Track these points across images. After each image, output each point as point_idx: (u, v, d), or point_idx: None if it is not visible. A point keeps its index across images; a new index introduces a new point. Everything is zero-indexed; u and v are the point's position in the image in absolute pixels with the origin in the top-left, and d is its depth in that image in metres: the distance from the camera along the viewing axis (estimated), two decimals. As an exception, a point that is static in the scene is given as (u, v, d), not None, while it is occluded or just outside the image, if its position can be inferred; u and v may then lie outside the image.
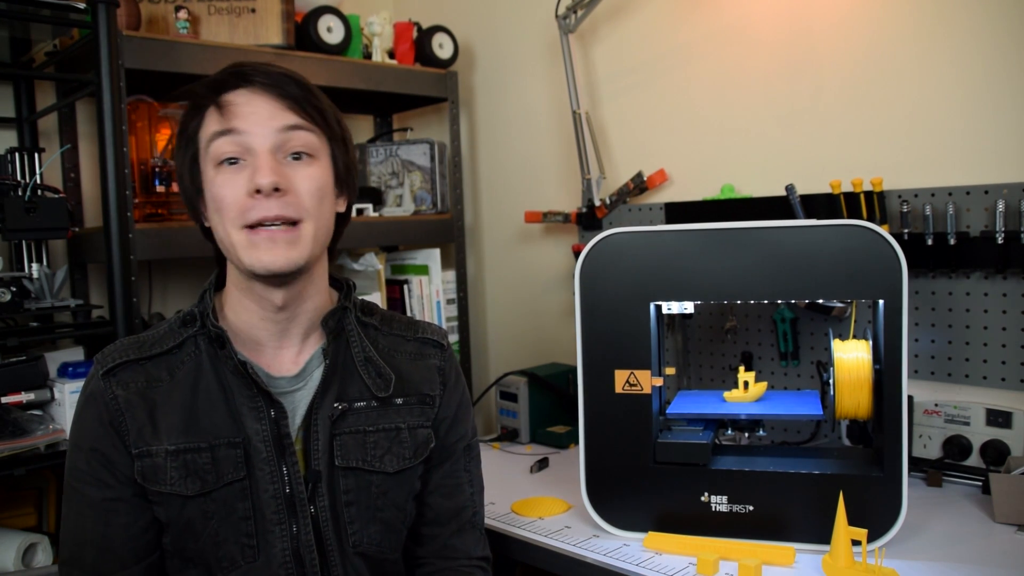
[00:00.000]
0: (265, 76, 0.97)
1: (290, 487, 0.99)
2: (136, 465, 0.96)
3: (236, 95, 0.96)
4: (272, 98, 0.96)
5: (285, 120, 0.96)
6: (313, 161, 0.98)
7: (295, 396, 1.03)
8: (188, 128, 0.99)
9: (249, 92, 0.96)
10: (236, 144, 0.95)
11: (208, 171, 0.96)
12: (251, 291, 1.00)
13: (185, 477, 0.96)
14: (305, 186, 0.96)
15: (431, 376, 1.11)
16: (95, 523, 0.96)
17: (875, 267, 1.15)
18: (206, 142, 0.96)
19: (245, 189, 0.94)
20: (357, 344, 1.07)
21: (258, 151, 0.94)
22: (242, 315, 1.02)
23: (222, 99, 0.96)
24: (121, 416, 0.96)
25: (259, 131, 0.95)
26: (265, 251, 0.94)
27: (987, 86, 1.47)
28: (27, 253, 1.66)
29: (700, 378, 1.84)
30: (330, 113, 1.02)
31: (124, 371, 0.98)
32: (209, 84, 0.98)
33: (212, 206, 0.96)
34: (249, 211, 0.94)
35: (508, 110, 2.28)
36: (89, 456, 0.97)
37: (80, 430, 0.98)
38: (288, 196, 0.95)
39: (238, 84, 0.97)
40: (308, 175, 0.97)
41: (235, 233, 0.95)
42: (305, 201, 0.96)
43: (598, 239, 1.26)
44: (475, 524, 1.15)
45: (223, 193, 0.95)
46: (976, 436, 1.39)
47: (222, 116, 0.95)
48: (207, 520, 0.97)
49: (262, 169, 0.93)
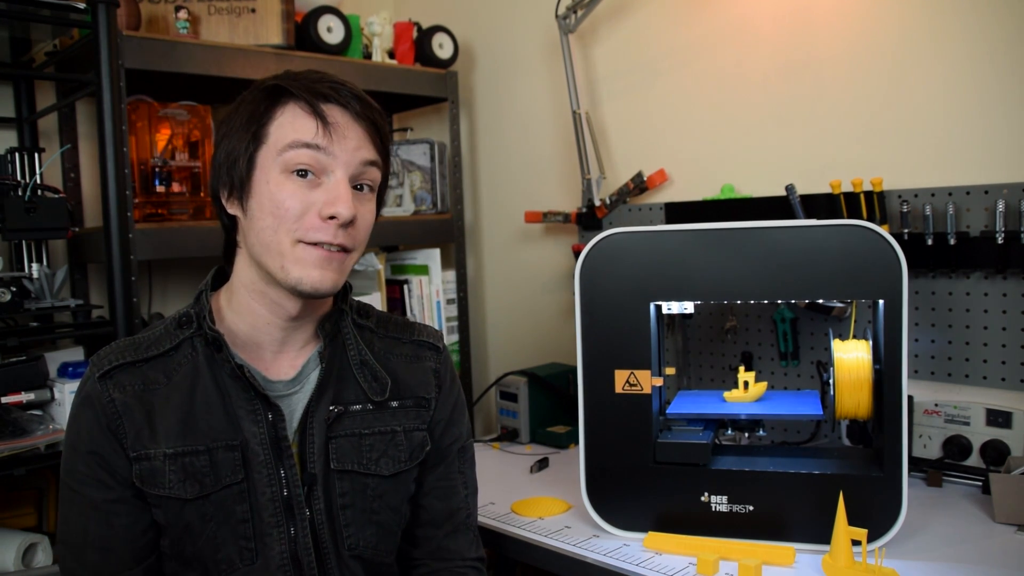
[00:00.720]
0: (359, 102, 0.97)
1: (288, 490, 0.99)
2: (134, 468, 0.96)
3: (333, 111, 0.95)
4: (363, 127, 0.97)
5: (368, 154, 0.97)
6: (372, 196, 1.01)
7: (292, 399, 1.03)
8: (261, 117, 0.95)
9: (346, 114, 0.96)
10: (318, 161, 0.94)
11: (272, 171, 0.94)
12: (264, 296, 1.00)
13: (183, 480, 0.96)
14: (364, 220, 0.98)
15: (427, 379, 1.11)
16: (97, 524, 0.96)
17: (875, 267, 1.15)
18: (284, 144, 0.94)
19: (316, 209, 0.93)
20: (353, 347, 1.07)
21: (339, 177, 0.95)
22: (247, 318, 1.01)
23: (322, 109, 0.94)
24: (118, 419, 0.96)
25: (345, 158, 0.95)
26: (315, 269, 0.94)
27: (987, 86, 1.47)
28: (27, 253, 1.66)
29: (700, 378, 1.84)
30: (389, 149, 1.03)
31: (121, 374, 0.98)
32: (305, 87, 0.95)
33: (269, 209, 0.94)
34: (314, 231, 0.93)
35: (508, 110, 2.28)
36: (88, 459, 0.96)
37: (77, 433, 0.97)
38: (352, 229, 0.96)
39: (337, 101, 0.95)
40: (368, 210, 1.00)
41: (288, 244, 0.94)
42: (360, 234, 0.98)
43: (598, 239, 1.26)
44: (469, 526, 1.15)
45: (290, 204, 0.93)
46: (976, 436, 1.39)
47: (317, 129, 0.94)
48: (205, 523, 0.97)
49: (344, 200, 0.93)
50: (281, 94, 0.96)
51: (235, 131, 0.97)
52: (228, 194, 0.99)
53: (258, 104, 0.96)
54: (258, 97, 0.97)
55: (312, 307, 1.03)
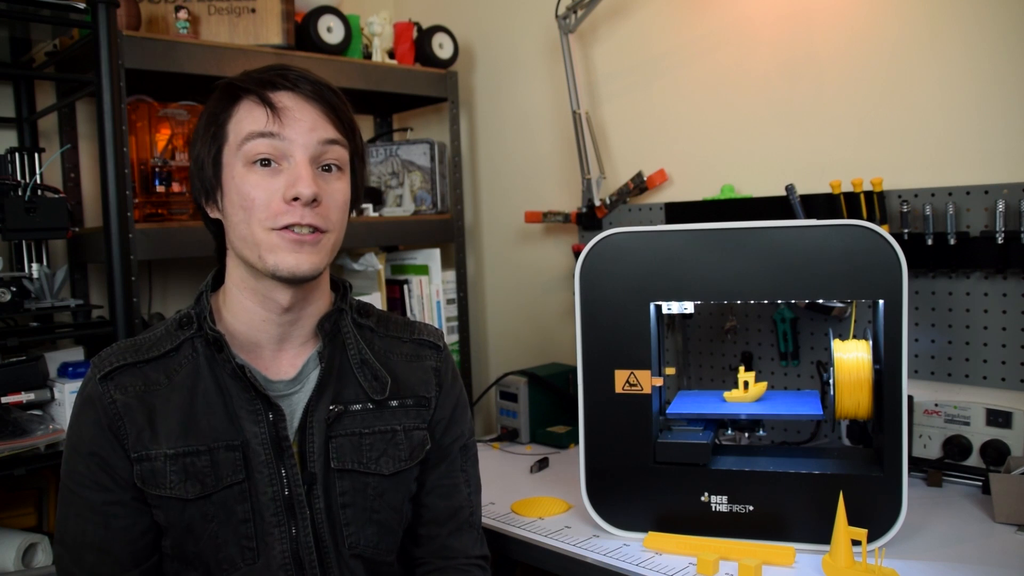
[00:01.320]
0: (311, 84, 0.97)
1: (289, 489, 0.99)
2: (135, 469, 0.96)
3: (282, 97, 0.96)
4: (316, 107, 0.97)
5: (326, 133, 0.97)
6: (341, 175, 1.00)
7: (292, 399, 1.03)
8: (219, 118, 0.97)
9: (295, 97, 0.96)
10: (275, 148, 0.95)
11: (236, 167, 0.96)
12: (255, 291, 1.00)
13: (184, 480, 0.96)
14: (334, 199, 0.98)
15: (427, 377, 1.11)
16: (95, 526, 0.96)
17: (875, 267, 1.15)
18: (241, 138, 0.95)
19: (280, 194, 0.94)
20: (353, 346, 1.07)
21: (298, 160, 0.95)
22: (242, 317, 1.02)
23: (270, 97, 0.95)
24: (120, 420, 0.96)
25: (302, 140, 0.96)
26: (291, 254, 0.95)
27: (987, 86, 1.47)
28: (27, 253, 1.66)
29: (700, 378, 1.84)
30: (355, 128, 1.03)
31: (122, 375, 0.98)
32: (254, 79, 0.97)
33: (239, 203, 0.96)
34: (281, 216, 0.94)
35: (508, 110, 2.28)
36: (88, 460, 0.96)
37: (79, 434, 0.98)
38: (320, 207, 0.96)
39: (285, 86, 0.96)
40: (337, 188, 0.99)
41: (261, 233, 0.95)
42: (332, 214, 0.98)
43: (598, 239, 1.26)
44: (472, 524, 1.15)
45: (255, 194, 0.94)
46: (976, 436, 1.39)
47: (267, 116, 0.95)
48: (207, 523, 0.97)
49: (304, 179, 0.94)
50: (234, 92, 0.98)
51: (199, 137, 1.00)
52: (206, 199, 1.01)
53: (215, 106, 0.99)
54: (214, 100, 0.99)
55: (304, 299, 1.02)
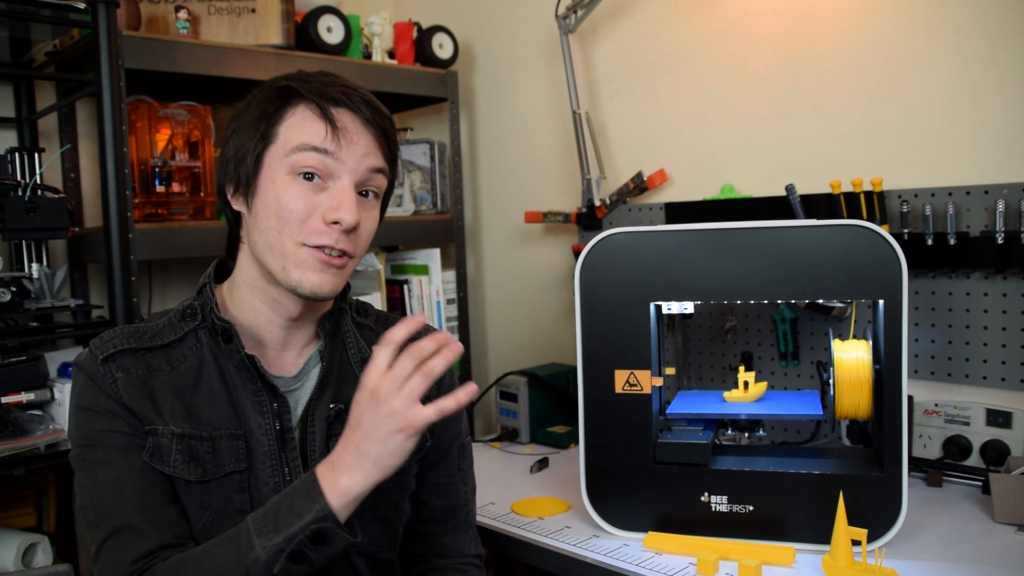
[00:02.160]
0: (371, 109, 0.97)
1: (291, 481, 0.99)
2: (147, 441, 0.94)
3: (343, 116, 0.95)
4: (372, 133, 0.97)
5: (376, 161, 0.97)
6: (375, 203, 1.01)
7: (293, 396, 1.03)
8: (271, 117, 0.96)
9: (356, 119, 0.96)
10: (325, 165, 0.94)
11: (279, 171, 0.94)
12: (266, 294, 1.00)
13: (188, 462, 0.95)
14: (367, 227, 0.99)
15: None
16: (131, 467, 0.93)
17: (875, 267, 1.15)
18: (293, 146, 0.94)
19: (320, 212, 0.93)
20: (353, 345, 1.07)
21: (345, 184, 0.95)
22: (248, 314, 1.02)
23: (332, 113, 0.94)
24: (122, 398, 0.94)
25: (353, 165, 0.95)
26: (315, 273, 0.95)
27: (987, 86, 1.47)
28: (27, 253, 1.66)
29: (700, 378, 1.84)
30: (396, 156, 1.02)
31: (123, 357, 0.97)
32: (316, 89, 0.95)
33: (275, 210, 0.94)
34: (316, 235, 0.94)
35: (508, 110, 2.28)
36: (109, 415, 0.94)
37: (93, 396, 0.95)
38: (354, 235, 0.96)
39: (348, 105, 0.95)
40: (372, 217, 1.00)
41: (291, 246, 0.94)
42: (362, 240, 0.99)
43: (598, 239, 1.26)
44: (469, 523, 1.15)
45: (294, 206, 0.93)
46: (976, 436, 1.39)
47: (326, 133, 0.94)
48: (203, 511, 0.96)
49: (348, 206, 0.93)
50: (292, 95, 0.96)
51: (245, 128, 0.97)
52: (234, 190, 0.99)
53: (269, 103, 0.96)
54: (269, 96, 0.97)
55: (312, 308, 1.03)
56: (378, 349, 0.87)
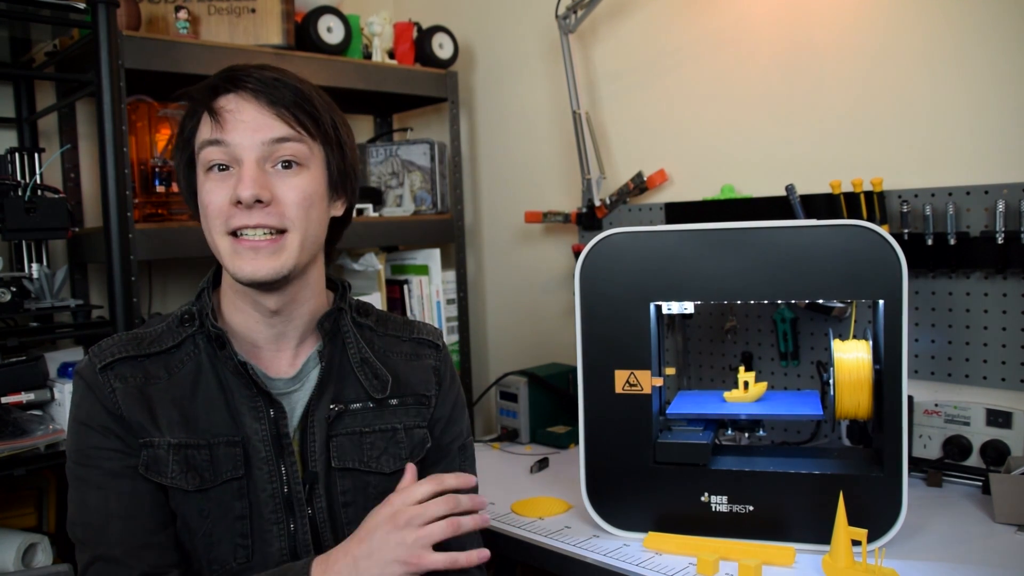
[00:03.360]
0: (258, 82, 0.96)
1: (288, 487, 0.99)
2: (142, 454, 0.95)
3: (227, 101, 0.96)
4: (262, 106, 0.95)
5: (272, 132, 0.95)
6: (302, 170, 0.97)
7: (292, 397, 1.03)
8: (185, 131, 1.00)
9: (239, 99, 0.96)
10: (224, 153, 0.95)
11: (200, 175, 0.98)
12: (244, 295, 1.01)
13: (185, 472, 0.96)
14: (291, 196, 0.96)
15: (427, 376, 1.11)
16: (119, 494, 0.94)
17: (875, 267, 1.15)
18: (198, 147, 0.97)
19: (229, 197, 0.94)
20: (353, 345, 1.07)
21: (244, 161, 0.94)
22: (237, 316, 1.02)
23: (214, 105, 0.96)
24: (120, 410, 0.95)
25: (246, 142, 0.95)
26: (247, 260, 0.95)
27: (987, 86, 1.47)
28: (27, 253, 1.66)
29: (700, 378, 1.84)
30: (325, 118, 0.99)
31: (122, 366, 0.98)
32: (204, 88, 0.98)
33: (202, 211, 0.98)
34: (231, 219, 0.95)
35: (508, 110, 2.28)
36: (102, 432, 0.95)
37: (87, 413, 0.96)
38: (271, 207, 0.95)
39: (229, 89, 0.96)
40: (294, 185, 0.96)
41: (220, 239, 0.96)
42: (290, 211, 0.96)
43: (598, 239, 1.26)
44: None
45: (208, 200, 0.96)
46: (976, 436, 1.39)
47: (213, 123, 0.95)
48: (202, 519, 0.96)
49: (244, 181, 0.93)
50: (192, 105, 0.99)
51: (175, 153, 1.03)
52: (192, 209, 1.02)
53: (183, 123, 1.01)
54: (183, 117, 1.01)
55: (292, 300, 1.02)
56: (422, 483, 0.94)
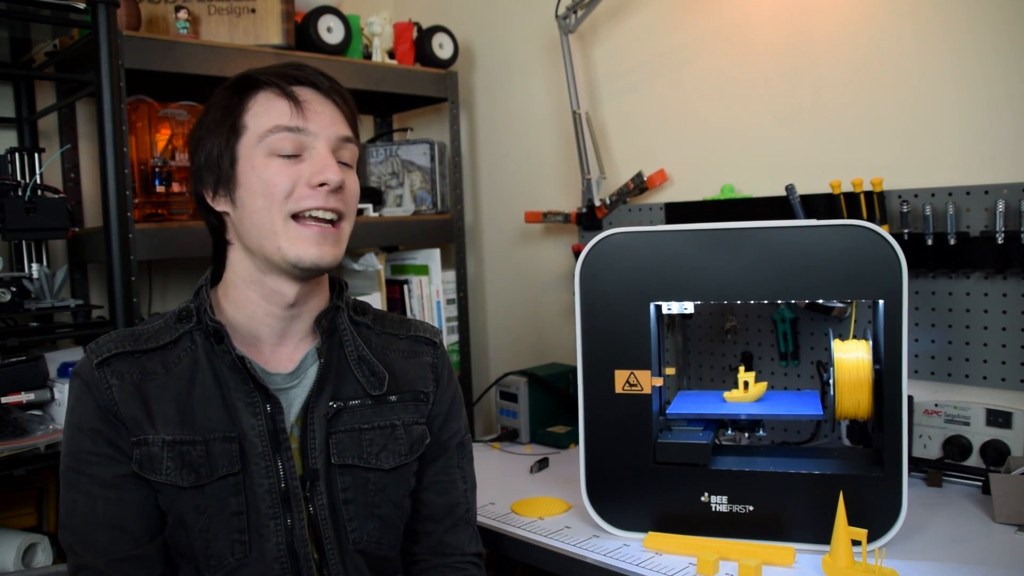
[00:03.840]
0: (328, 81, 1.01)
1: (285, 482, 0.99)
2: (135, 452, 0.96)
3: (303, 91, 0.99)
4: (334, 106, 1.01)
5: (343, 131, 1.01)
6: (351, 171, 1.03)
7: (290, 393, 1.03)
8: (235, 110, 0.98)
9: (315, 92, 0.99)
10: (298, 142, 0.97)
11: (257, 157, 0.97)
12: (262, 285, 1.01)
13: (180, 468, 0.96)
14: (353, 188, 1.02)
15: (424, 373, 1.12)
16: (107, 503, 0.95)
17: (875, 267, 1.15)
18: (264, 131, 0.97)
19: (305, 180, 0.96)
20: (350, 343, 1.07)
21: (321, 150, 0.98)
22: (244, 310, 1.02)
23: (293, 91, 0.98)
24: (116, 406, 0.96)
25: (324, 133, 0.98)
26: (312, 246, 0.97)
27: (987, 86, 1.47)
28: (27, 253, 1.66)
29: (700, 378, 1.84)
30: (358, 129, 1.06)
31: (118, 362, 0.98)
32: (272, 72, 0.99)
33: (260, 190, 0.96)
34: (305, 199, 0.96)
35: (508, 110, 2.28)
36: (94, 436, 0.96)
37: (80, 414, 0.97)
38: (342, 194, 1.00)
39: (305, 81, 0.99)
40: (353, 180, 1.03)
41: (281, 221, 0.96)
42: (351, 202, 1.02)
43: (598, 239, 1.26)
44: (468, 520, 1.15)
45: (278, 180, 0.96)
46: (976, 436, 1.39)
47: (294, 110, 0.97)
48: (199, 515, 0.96)
49: (332, 167, 0.97)
50: (250, 85, 0.99)
51: (210, 131, 1.00)
52: (214, 193, 1.01)
53: (229, 99, 1.00)
54: (227, 94, 1.00)
55: (309, 293, 1.03)
56: None
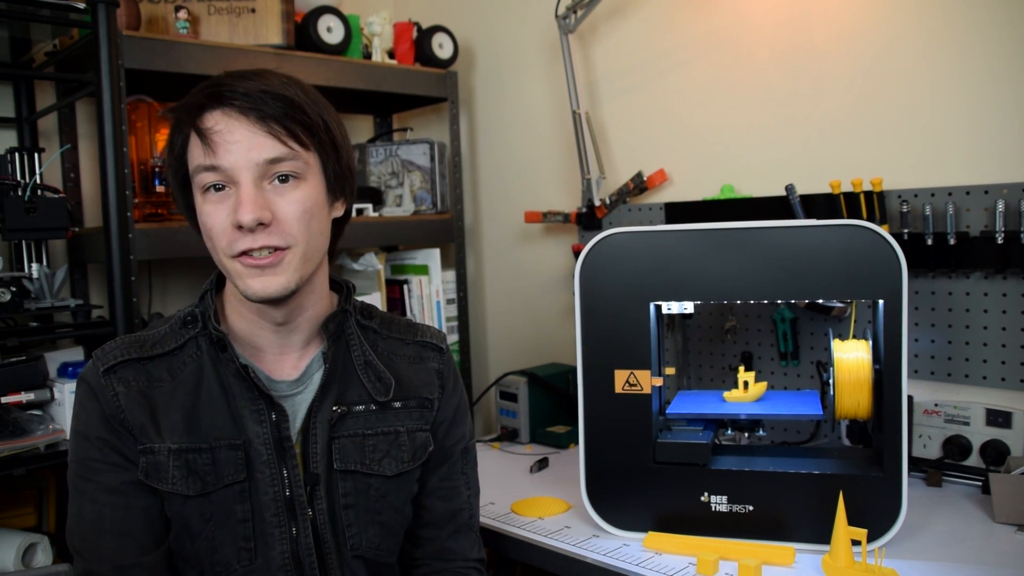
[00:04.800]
0: (245, 97, 0.92)
1: (290, 490, 0.99)
2: (141, 461, 0.96)
3: (214, 120, 0.92)
4: (252, 123, 0.92)
5: (265, 152, 0.92)
6: (300, 183, 0.95)
7: (295, 400, 1.03)
8: (175, 148, 0.97)
9: (227, 118, 0.92)
10: (219, 176, 0.92)
11: (197, 196, 0.96)
12: (249, 306, 1.00)
13: (187, 476, 0.96)
14: (291, 211, 0.93)
15: (430, 379, 1.11)
16: (113, 509, 0.95)
17: (875, 267, 1.15)
18: (192, 170, 0.95)
19: (230, 219, 0.92)
20: (357, 348, 1.07)
21: (240, 183, 0.92)
22: (241, 322, 1.02)
23: (202, 126, 0.92)
24: (122, 413, 0.96)
25: (240, 164, 0.92)
26: (255, 279, 0.94)
27: (987, 86, 1.47)
28: (27, 253, 1.66)
29: (700, 378, 1.84)
30: (318, 123, 0.96)
31: (125, 369, 0.98)
32: (188, 107, 0.94)
33: (203, 232, 0.96)
34: (235, 243, 0.93)
35: (508, 110, 2.28)
36: (100, 444, 0.96)
37: (86, 422, 0.97)
38: (272, 226, 0.93)
39: (215, 106, 0.92)
40: (294, 199, 0.94)
41: (226, 261, 0.95)
42: (292, 228, 0.94)
43: (598, 239, 1.26)
44: (471, 527, 1.15)
45: (211, 223, 0.94)
46: (976, 436, 1.39)
47: (204, 147, 0.92)
48: (205, 522, 0.97)
49: (244, 205, 0.91)
50: (177, 123, 0.96)
51: (168, 170, 1.01)
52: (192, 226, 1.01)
53: (172, 141, 0.98)
54: (170, 135, 0.99)
55: (296, 311, 1.01)
56: None
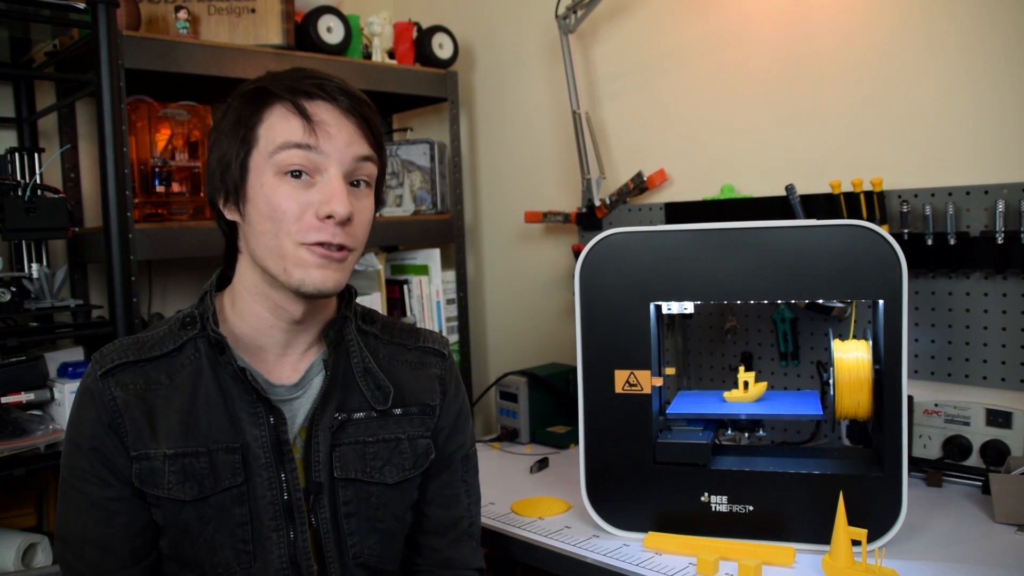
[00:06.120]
0: (348, 98, 0.95)
1: (288, 494, 0.99)
2: (134, 467, 0.95)
3: (319, 108, 0.94)
4: (353, 122, 0.95)
5: (361, 150, 0.96)
6: (368, 192, 0.99)
7: (293, 404, 1.02)
8: (249, 120, 0.95)
9: (332, 110, 0.94)
10: (310, 160, 0.93)
11: (266, 174, 0.94)
12: (268, 299, 0.99)
13: (183, 481, 0.95)
14: (363, 217, 0.97)
15: (431, 385, 1.11)
16: (96, 522, 0.96)
17: (875, 267, 1.15)
18: (274, 147, 0.93)
19: (313, 209, 0.92)
20: (357, 354, 1.06)
21: (333, 176, 0.93)
22: (249, 320, 1.01)
23: (307, 108, 0.93)
24: (120, 418, 0.96)
25: (338, 155, 0.94)
26: (317, 270, 0.94)
27: (987, 86, 1.47)
28: (27, 253, 1.66)
29: (700, 378, 1.84)
30: (382, 137, 1.01)
31: (123, 372, 0.97)
32: (288, 86, 0.94)
33: (267, 213, 0.93)
34: (313, 232, 0.93)
35: (508, 110, 2.28)
36: (89, 455, 0.96)
37: (79, 429, 0.97)
38: (350, 227, 0.95)
39: (322, 97, 0.94)
40: (366, 206, 0.98)
41: (290, 247, 0.93)
42: (359, 231, 0.97)
43: (598, 239, 1.26)
44: (472, 534, 1.14)
45: (286, 206, 0.93)
46: (976, 436, 1.39)
47: (306, 128, 0.92)
48: (204, 525, 0.96)
49: (340, 199, 0.92)
50: (265, 96, 0.95)
51: (225, 136, 0.97)
52: (224, 200, 0.99)
53: (244, 108, 0.96)
54: (243, 101, 0.97)
55: (316, 310, 1.02)
56: None
